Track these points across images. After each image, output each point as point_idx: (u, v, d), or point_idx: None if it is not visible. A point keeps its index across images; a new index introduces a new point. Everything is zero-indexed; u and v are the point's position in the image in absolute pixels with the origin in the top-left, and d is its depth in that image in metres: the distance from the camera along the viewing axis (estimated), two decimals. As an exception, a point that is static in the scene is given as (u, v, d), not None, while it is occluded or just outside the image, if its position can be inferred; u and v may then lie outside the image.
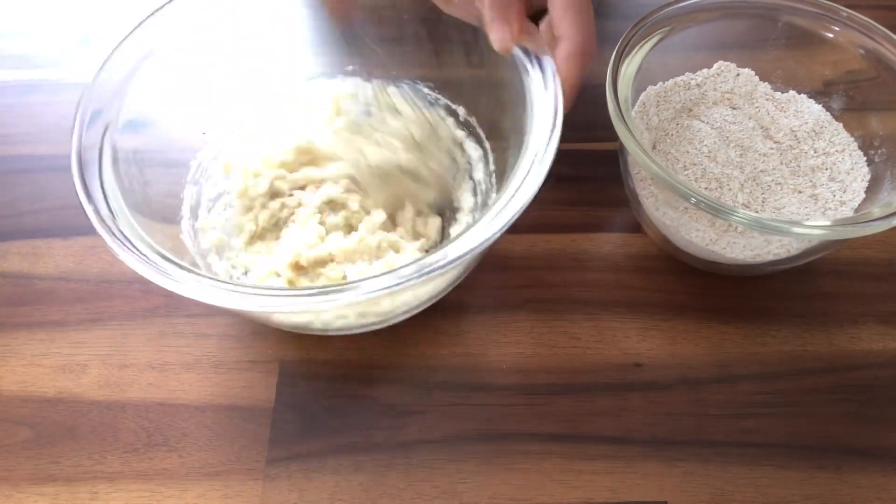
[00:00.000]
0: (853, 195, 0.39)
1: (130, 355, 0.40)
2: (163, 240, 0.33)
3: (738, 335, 0.40)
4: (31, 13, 0.59)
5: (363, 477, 0.36)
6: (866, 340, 0.40)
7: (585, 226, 0.45)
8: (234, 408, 0.38)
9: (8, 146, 0.49)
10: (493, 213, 0.31)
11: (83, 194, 0.32)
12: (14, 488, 0.35)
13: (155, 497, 0.35)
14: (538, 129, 0.33)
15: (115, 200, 0.33)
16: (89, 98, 0.36)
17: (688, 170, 0.40)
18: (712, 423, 0.37)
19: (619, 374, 0.39)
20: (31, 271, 0.43)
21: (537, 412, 0.38)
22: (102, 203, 0.32)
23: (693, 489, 0.35)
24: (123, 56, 0.38)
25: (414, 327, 0.40)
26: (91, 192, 0.32)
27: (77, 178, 0.33)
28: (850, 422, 0.37)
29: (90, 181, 0.33)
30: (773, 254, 0.38)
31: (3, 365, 0.39)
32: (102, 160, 0.34)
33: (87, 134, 0.34)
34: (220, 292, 0.29)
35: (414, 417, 0.37)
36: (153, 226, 0.34)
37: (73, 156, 0.33)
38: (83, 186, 0.33)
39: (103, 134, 0.35)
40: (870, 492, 0.35)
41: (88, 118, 0.35)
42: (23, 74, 0.54)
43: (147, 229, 0.32)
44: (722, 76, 0.44)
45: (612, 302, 0.42)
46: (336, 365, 0.39)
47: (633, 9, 0.49)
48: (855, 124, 0.41)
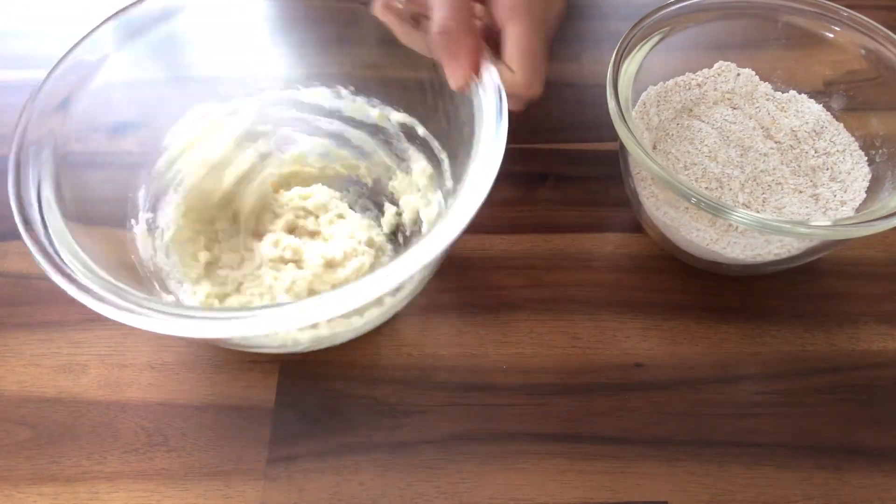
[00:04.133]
0: (854, 195, 0.39)
1: (130, 355, 0.39)
2: (107, 248, 0.32)
3: (738, 335, 0.40)
4: (31, 13, 0.59)
5: (363, 477, 0.36)
6: (866, 340, 0.40)
7: (585, 226, 0.45)
8: (235, 408, 0.38)
9: (8, 146, 0.49)
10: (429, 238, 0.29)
11: (15, 202, 0.31)
12: (14, 488, 0.35)
13: (155, 497, 0.35)
14: (486, 134, 0.32)
15: (50, 210, 0.31)
16: (35, 100, 0.34)
17: (688, 170, 0.40)
18: (712, 423, 0.37)
19: (619, 374, 0.39)
20: (31, 271, 0.43)
21: (537, 412, 0.38)
22: (36, 212, 0.31)
23: (693, 489, 0.35)
24: (80, 55, 0.36)
25: (414, 327, 0.40)
26: (24, 200, 0.31)
27: (11, 185, 0.31)
28: (850, 422, 0.37)
29: (25, 188, 0.31)
30: (773, 254, 0.38)
31: (3, 365, 0.39)
32: (42, 164, 0.33)
33: (29, 136, 0.33)
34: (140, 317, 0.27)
35: (414, 417, 0.37)
36: (95, 232, 0.33)
37: (11, 159, 0.32)
38: (16, 193, 0.31)
39: (49, 135, 0.34)
40: (870, 492, 0.35)
41: (35, 120, 0.34)
42: (23, 74, 0.54)
43: (87, 236, 0.31)
44: (722, 76, 0.44)
45: (613, 302, 0.42)
46: (336, 365, 0.39)
47: (633, 9, 0.49)
48: (855, 124, 0.41)
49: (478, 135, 0.33)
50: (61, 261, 0.30)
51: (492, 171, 0.30)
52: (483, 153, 0.31)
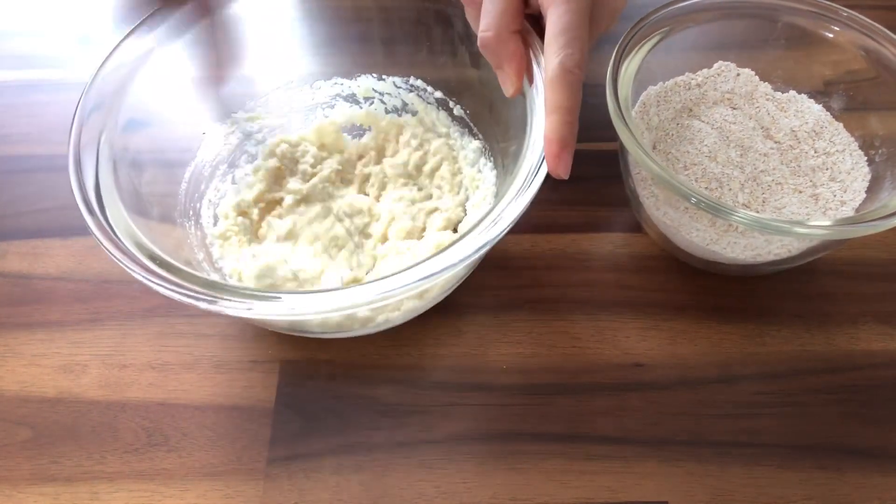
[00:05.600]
0: (854, 195, 0.39)
1: (130, 355, 0.39)
2: (162, 240, 0.33)
3: (738, 335, 0.40)
4: (31, 13, 0.59)
5: (363, 477, 0.36)
6: (866, 340, 0.40)
7: (585, 226, 0.45)
8: (235, 408, 0.38)
9: (8, 146, 0.49)
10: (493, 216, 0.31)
11: (79, 195, 0.32)
12: (14, 488, 0.35)
13: (155, 497, 0.35)
14: (537, 133, 0.33)
15: (112, 201, 0.33)
16: (88, 97, 0.36)
17: (688, 170, 0.40)
18: (712, 423, 0.37)
19: (619, 374, 0.39)
20: (31, 271, 0.43)
21: (537, 412, 0.38)
22: (96, 204, 0.32)
23: (693, 489, 0.35)
24: (123, 55, 0.37)
25: (414, 327, 0.40)
26: (87, 193, 0.32)
27: (74, 178, 0.33)
28: (850, 422, 0.37)
29: (86, 182, 0.33)
30: (773, 254, 0.38)
31: (3, 365, 0.39)
32: (100, 160, 0.34)
33: (84, 133, 0.34)
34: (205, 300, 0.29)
35: (414, 417, 0.37)
36: (151, 226, 0.34)
37: (71, 155, 0.33)
38: (80, 187, 0.32)
39: (101, 133, 0.35)
40: (870, 492, 0.35)
41: (87, 116, 0.35)
42: (23, 74, 0.54)
43: (144, 230, 0.32)
44: (722, 76, 0.44)
45: (612, 302, 0.42)
46: (336, 365, 0.39)
47: (633, 9, 0.49)
48: (855, 124, 0.41)
49: (529, 138, 0.34)
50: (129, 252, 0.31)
51: (542, 172, 0.32)
52: (534, 152, 0.33)
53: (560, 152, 0.31)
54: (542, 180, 0.32)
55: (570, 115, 0.32)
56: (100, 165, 0.34)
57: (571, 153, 0.32)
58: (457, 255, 0.30)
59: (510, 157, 0.39)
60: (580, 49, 0.32)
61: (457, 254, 0.30)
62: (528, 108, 0.35)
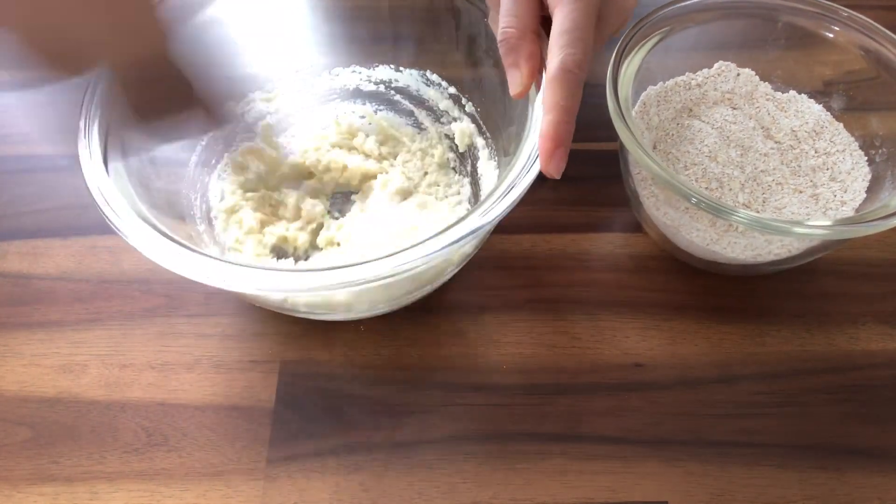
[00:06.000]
0: (854, 195, 0.39)
1: (130, 355, 0.39)
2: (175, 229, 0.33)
3: (738, 335, 0.40)
4: (31, 13, 0.59)
5: (363, 477, 0.36)
6: (866, 340, 0.40)
7: (585, 226, 0.45)
8: (235, 408, 0.38)
9: (8, 146, 0.49)
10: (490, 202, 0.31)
11: (96, 190, 0.32)
12: (14, 488, 0.35)
13: (155, 497, 0.35)
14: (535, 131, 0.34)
15: (126, 192, 0.33)
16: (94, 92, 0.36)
17: (688, 170, 0.40)
18: (712, 423, 0.37)
19: (619, 374, 0.39)
20: (31, 271, 0.43)
21: (537, 412, 0.38)
22: (113, 193, 0.32)
23: (693, 489, 0.35)
24: None
25: (414, 327, 0.40)
26: (102, 186, 0.32)
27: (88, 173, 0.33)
28: (850, 422, 0.37)
29: (101, 177, 0.33)
30: (773, 254, 0.38)
31: (3, 365, 0.39)
32: (108, 155, 0.34)
33: (92, 130, 0.34)
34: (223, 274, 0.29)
35: (414, 417, 0.37)
36: (163, 220, 0.34)
37: (81, 151, 0.33)
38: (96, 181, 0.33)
39: (108, 129, 0.35)
40: (870, 492, 0.35)
41: (95, 112, 0.35)
42: (23, 74, 0.53)
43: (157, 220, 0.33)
44: (722, 76, 0.44)
45: (612, 302, 0.42)
46: (336, 365, 0.39)
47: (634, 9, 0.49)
48: (855, 124, 0.41)
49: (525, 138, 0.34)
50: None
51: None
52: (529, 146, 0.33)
53: (553, 151, 0.31)
54: (533, 178, 0.32)
55: (567, 114, 0.32)
56: (109, 161, 0.34)
57: (565, 153, 0.32)
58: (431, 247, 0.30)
59: (510, 153, 0.39)
60: (583, 49, 0.32)
61: (432, 245, 0.30)
62: (530, 108, 0.35)
